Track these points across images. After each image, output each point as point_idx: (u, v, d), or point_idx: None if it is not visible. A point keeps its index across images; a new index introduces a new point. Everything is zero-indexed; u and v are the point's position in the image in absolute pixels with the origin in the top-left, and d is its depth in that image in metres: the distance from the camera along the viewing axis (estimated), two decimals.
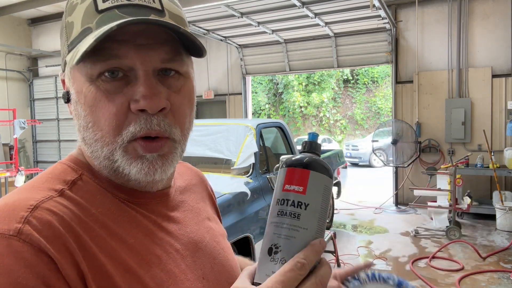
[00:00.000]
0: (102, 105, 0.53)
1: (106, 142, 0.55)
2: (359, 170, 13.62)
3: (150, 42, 0.54)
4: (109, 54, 0.52)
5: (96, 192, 0.57)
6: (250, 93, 9.20)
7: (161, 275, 0.57)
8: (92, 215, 0.54)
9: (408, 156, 6.93)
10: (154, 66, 0.54)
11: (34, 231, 0.46)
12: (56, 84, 10.25)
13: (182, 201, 0.70)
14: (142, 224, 0.59)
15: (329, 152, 6.14)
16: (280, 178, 0.54)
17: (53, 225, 0.48)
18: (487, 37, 6.68)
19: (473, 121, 6.76)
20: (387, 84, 19.37)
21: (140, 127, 0.53)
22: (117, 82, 0.53)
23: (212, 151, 3.96)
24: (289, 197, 0.52)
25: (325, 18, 6.87)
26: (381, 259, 4.60)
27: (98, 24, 0.53)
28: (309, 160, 0.54)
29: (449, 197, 5.62)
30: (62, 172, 0.58)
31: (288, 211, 0.51)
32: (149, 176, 0.56)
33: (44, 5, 8.59)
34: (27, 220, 0.47)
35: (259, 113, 20.00)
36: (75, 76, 0.56)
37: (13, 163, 7.38)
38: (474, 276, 4.05)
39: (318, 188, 0.52)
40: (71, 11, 0.56)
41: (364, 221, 6.38)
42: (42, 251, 0.46)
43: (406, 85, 7.31)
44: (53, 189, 0.54)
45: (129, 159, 0.55)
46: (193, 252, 0.65)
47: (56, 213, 0.50)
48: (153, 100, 0.53)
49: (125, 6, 0.53)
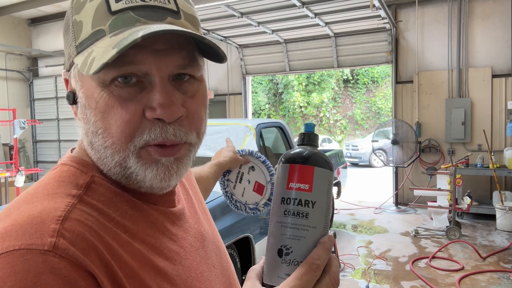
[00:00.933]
0: (115, 111, 0.51)
1: (117, 149, 0.52)
2: (359, 170, 13.62)
3: (167, 47, 0.52)
4: (125, 60, 0.49)
5: (111, 195, 0.55)
6: (250, 93, 9.20)
7: (184, 271, 0.57)
8: (113, 219, 0.52)
9: (408, 156, 6.93)
10: (170, 72, 0.52)
11: (69, 244, 0.44)
12: (56, 84, 10.25)
13: (181, 193, 0.71)
14: (158, 222, 0.58)
15: (329, 152, 6.14)
16: (282, 174, 0.53)
17: (86, 237, 0.46)
18: (487, 37, 6.68)
19: (473, 121, 6.76)
20: (387, 84, 19.37)
21: (155, 135, 0.51)
22: (131, 88, 0.51)
23: (212, 151, 3.94)
24: (295, 195, 0.50)
25: (325, 18, 6.87)
26: (381, 259, 4.60)
27: (111, 27, 0.50)
28: (311, 155, 0.52)
29: (449, 197, 5.62)
30: (72, 175, 0.55)
31: (295, 211, 0.50)
32: (164, 182, 0.54)
33: (44, 5, 8.58)
34: (60, 233, 0.44)
35: (259, 113, 20.00)
36: (84, 79, 0.53)
37: (13, 163, 7.38)
38: (474, 276, 4.05)
39: (323, 184, 0.52)
40: (79, 9, 0.52)
41: (364, 221, 6.38)
42: (80, 266, 0.43)
43: (406, 85, 7.31)
44: (70, 195, 0.51)
45: (144, 164, 0.53)
46: (202, 242, 0.66)
47: (85, 223, 0.48)
48: (171, 109, 0.51)
49: (140, 8, 0.51)
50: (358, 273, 4.24)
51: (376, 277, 4.11)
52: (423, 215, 6.57)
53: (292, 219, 0.50)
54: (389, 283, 3.96)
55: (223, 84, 9.02)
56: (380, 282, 3.99)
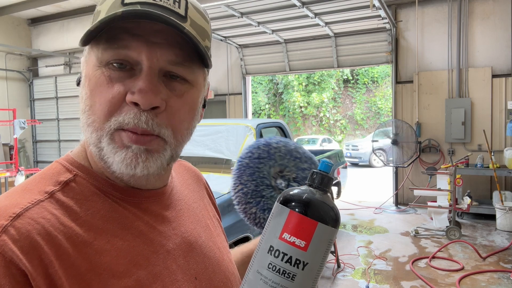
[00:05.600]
0: (101, 89, 0.54)
1: (95, 127, 0.54)
2: (359, 170, 13.62)
3: (163, 42, 0.54)
4: (121, 44, 0.53)
5: (88, 193, 0.56)
6: (250, 93, 9.20)
7: (148, 277, 0.56)
8: (79, 218, 0.53)
9: (408, 156, 6.93)
10: (160, 66, 0.54)
11: (10, 241, 0.46)
12: (56, 84, 10.25)
13: (178, 200, 0.69)
14: (133, 225, 0.58)
15: (329, 152, 6.14)
16: (277, 218, 0.45)
17: (31, 236, 0.48)
18: (487, 37, 6.68)
19: (473, 121, 6.76)
20: (387, 84, 19.37)
21: (128, 119, 0.53)
22: (122, 72, 0.54)
23: (212, 151, 3.96)
24: (286, 250, 0.43)
25: (325, 18, 6.87)
26: (381, 259, 4.60)
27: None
28: (318, 205, 0.44)
29: (449, 197, 5.62)
30: (56, 172, 0.58)
31: (282, 268, 0.43)
32: (129, 168, 0.54)
33: (44, 5, 8.60)
34: (5, 230, 0.47)
35: (259, 113, 20.00)
36: (88, 60, 0.57)
37: (13, 163, 7.38)
38: (474, 276, 4.05)
39: (322, 244, 0.44)
40: (102, 1, 0.57)
41: (364, 221, 6.38)
42: (12, 262, 0.45)
43: (406, 85, 7.31)
44: (44, 191, 0.54)
45: (114, 147, 0.54)
46: (186, 252, 0.64)
47: (38, 221, 0.50)
48: (148, 95, 0.52)
49: (148, 4, 0.53)
50: (358, 273, 4.24)
51: (376, 277, 4.11)
52: (423, 215, 6.57)
53: (274, 277, 0.43)
54: (389, 283, 3.96)
55: (223, 84, 9.02)
56: (380, 282, 3.99)
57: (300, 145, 0.94)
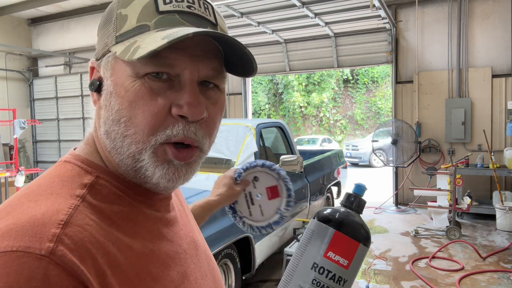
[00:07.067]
0: (144, 102, 0.52)
1: (137, 139, 0.53)
2: (359, 170, 13.62)
3: (202, 54, 0.54)
4: (165, 60, 0.52)
5: (112, 196, 0.55)
6: (250, 93, 9.20)
7: (178, 277, 0.57)
8: (114, 222, 0.52)
9: (408, 156, 6.93)
10: (200, 77, 0.55)
11: (67, 251, 0.43)
12: (56, 84, 10.25)
13: (173, 200, 0.70)
14: (155, 227, 0.59)
15: (329, 152, 6.14)
16: (321, 236, 0.48)
17: (85, 245, 0.46)
18: (487, 37, 6.68)
19: (473, 121, 6.76)
20: (387, 84, 19.37)
21: (177, 132, 0.53)
22: (162, 83, 0.53)
23: (212, 151, 3.92)
24: (331, 268, 0.47)
25: (325, 18, 6.87)
26: (381, 259, 4.60)
27: (156, 24, 0.53)
28: (359, 228, 0.49)
29: (449, 197, 5.62)
30: (76, 174, 0.55)
31: (326, 285, 0.46)
32: (171, 182, 0.55)
33: (44, 5, 8.59)
34: (59, 239, 0.44)
35: (259, 113, 20.01)
36: (117, 68, 0.55)
37: (13, 163, 7.37)
38: (474, 276, 4.05)
39: (360, 262, 0.48)
40: (125, 4, 0.55)
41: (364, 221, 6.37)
42: (73, 275, 0.43)
43: (406, 85, 7.31)
44: (75, 195, 0.51)
45: (156, 161, 0.54)
46: (195, 251, 0.66)
47: (86, 228, 0.47)
48: (197, 108, 0.53)
49: (185, 13, 0.54)
50: (358, 273, 4.23)
51: (376, 277, 4.11)
52: (423, 215, 6.57)
53: None
54: (389, 283, 3.96)
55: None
56: (380, 282, 3.99)
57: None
